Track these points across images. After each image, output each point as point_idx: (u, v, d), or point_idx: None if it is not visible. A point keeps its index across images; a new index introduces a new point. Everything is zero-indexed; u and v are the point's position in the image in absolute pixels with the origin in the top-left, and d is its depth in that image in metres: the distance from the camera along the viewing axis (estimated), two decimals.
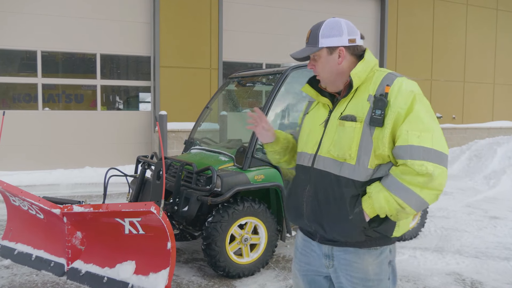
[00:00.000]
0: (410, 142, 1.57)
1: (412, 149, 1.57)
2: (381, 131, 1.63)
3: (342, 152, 1.68)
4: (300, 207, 1.81)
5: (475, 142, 10.40)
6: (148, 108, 9.92)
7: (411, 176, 1.58)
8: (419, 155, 1.56)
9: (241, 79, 5.19)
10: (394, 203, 1.60)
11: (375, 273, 1.73)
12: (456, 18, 13.13)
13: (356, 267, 1.73)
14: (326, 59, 1.78)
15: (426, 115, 1.62)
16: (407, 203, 1.60)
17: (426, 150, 1.56)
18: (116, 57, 9.64)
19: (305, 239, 1.90)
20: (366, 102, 1.68)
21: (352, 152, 1.66)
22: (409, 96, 1.63)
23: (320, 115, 1.86)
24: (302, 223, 1.85)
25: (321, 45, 1.77)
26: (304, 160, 1.85)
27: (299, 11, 10.96)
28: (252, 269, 3.96)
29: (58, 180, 8.04)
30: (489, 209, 6.57)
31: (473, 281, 3.96)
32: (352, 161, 1.66)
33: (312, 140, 1.83)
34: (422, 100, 1.64)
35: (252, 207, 3.87)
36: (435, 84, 12.91)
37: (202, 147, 4.84)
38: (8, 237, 3.99)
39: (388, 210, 1.62)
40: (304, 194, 1.80)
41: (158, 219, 2.99)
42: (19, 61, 9.05)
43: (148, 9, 9.58)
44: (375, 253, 1.73)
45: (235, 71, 5.75)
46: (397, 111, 1.61)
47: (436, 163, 1.56)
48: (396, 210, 1.61)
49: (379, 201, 1.62)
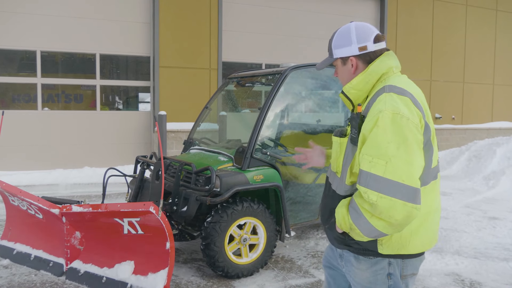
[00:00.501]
0: (361, 167, 1.53)
1: (361, 174, 1.53)
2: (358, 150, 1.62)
3: (334, 165, 1.79)
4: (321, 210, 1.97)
5: (474, 143, 10.40)
6: (148, 108, 9.92)
7: (361, 200, 1.54)
8: (365, 182, 1.50)
9: (241, 80, 5.19)
10: (347, 221, 1.62)
11: (369, 281, 1.73)
12: (456, 19, 13.14)
13: (354, 271, 1.79)
14: (342, 70, 1.79)
15: (386, 139, 1.47)
16: (356, 225, 1.59)
17: (374, 177, 1.47)
18: (116, 57, 9.64)
19: None
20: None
21: (338, 166, 1.75)
22: (374, 117, 1.52)
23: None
24: None
25: (335, 55, 1.78)
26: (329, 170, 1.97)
27: (298, 11, 10.96)
28: (251, 269, 3.96)
29: (57, 180, 8.04)
30: (488, 209, 6.58)
31: (472, 281, 3.96)
32: (338, 175, 1.76)
33: None
34: (387, 122, 1.48)
35: (251, 207, 3.87)
36: (435, 85, 12.92)
37: (201, 147, 4.84)
38: (7, 237, 3.99)
39: (343, 226, 1.66)
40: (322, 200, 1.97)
41: (157, 219, 3.00)
42: (19, 61, 9.05)
43: (148, 9, 9.58)
44: (370, 262, 1.72)
45: (234, 72, 5.75)
46: (363, 133, 1.56)
47: (383, 193, 1.45)
48: (349, 228, 1.64)
49: (338, 216, 1.67)
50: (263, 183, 3.98)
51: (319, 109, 5.12)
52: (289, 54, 10.66)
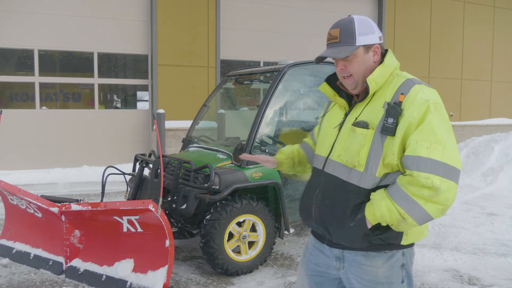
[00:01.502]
0: (418, 153, 1.51)
1: (419, 160, 1.51)
2: (392, 140, 1.58)
3: (351, 158, 1.65)
4: (310, 209, 1.81)
5: (472, 139, 10.42)
6: (146, 106, 9.91)
7: (416, 188, 1.52)
8: (426, 168, 1.50)
9: (239, 77, 5.19)
10: (396, 213, 1.55)
11: (385, 276, 1.70)
12: (453, 16, 13.14)
13: (366, 269, 1.71)
14: (363, 58, 1.69)
15: (440, 126, 1.54)
16: (409, 214, 1.54)
17: (435, 162, 1.50)
18: (114, 55, 9.62)
19: (316, 240, 1.89)
20: (381, 109, 1.63)
21: (361, 159, 1.63)
22: (423, 105, 1.56)
23: (336, 117, 1.83)
24: (311, 225, 1.85)
25: (358, 43, 1.67)
26: (318, 163, 1.83)
27: (296, 9, 10.96)
28: (250, 266, 3.97)
29: (55, 179, 8.03)
30: (487, 206, 6.60)
31: (471, 277, 3.98)
32: (360, 168, 1.63)
33: (326, 142, 1.81)
34: (438, 110, 1.57)
35: (250, 204, 3.88)
36: (433, 82, 12.93)
37: (200, 145, 4.84)
38: (6, 236, 3.99)
39: (389, 219, 1.57)
40: (314, 196, 1.79)
41: (156, 217, 3.00)
42: (16, 60, 9.03)
43: (146, 8, 9.56)
44: (385, 257, 1.70)
45: (232, 69, 5.75)
46: (409, 120, 1.55)
47: (444, 177, 1.49)
48: (397, 220, 1.57)
49: (380, 209, 1.57)
50: (262, 181, 3.99)
51: (318, 106, 5.13)
52: (288, 52, 10.65)
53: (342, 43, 1.69)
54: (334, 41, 1.71)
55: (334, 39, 1.71)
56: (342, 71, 1.72)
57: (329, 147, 1.78)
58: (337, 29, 1.71)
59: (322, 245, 1.83)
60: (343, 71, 1.72)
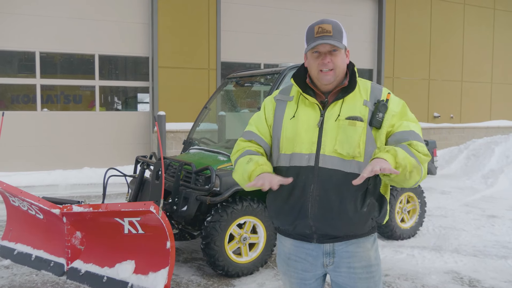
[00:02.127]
0: (411, 129, 1.82)
1: (414, 133, 1.81)
2: (378, 131, 1.81)
3: (352, 150, 1.77)
4: (303, 208, 1.79)
5: (473, 142, 10.42)
6: (147, 108, 9.93)
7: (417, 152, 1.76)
8: (418, 138, 1.81)
9: (240, 79, 5.20)
10: (413, 159, 1.71)
11: (375, 257, 1.89)
12: (454, 18, 13.16)
13: (359, 256, 1.84)
14: (343, 57, 1.85)
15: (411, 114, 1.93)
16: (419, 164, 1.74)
17: (419, 135, 1.83)
18: (115, 57, 9.65)
19: (297, 244, 1.89)
20: (363, 106, 1.82)
21: (361, 149, 1.77)
22: (399, 102, 1.90)
23: (309, 115, 1.84)
24: (302, 224, 1.81)
25: (344, 42, 1.83)
26: (301, 161, 1.81)
27: (296, 11, 10.98)
28: (251, 268, 3.98)
29: (57, 181, 8.04)
30: (487, 208, 6.60)
31: (471, 279, 3.98)
32: (360, 158, 1.77)
33: (305, 140, 1.81)
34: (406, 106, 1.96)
35: (250, 206, 3.89)
36: (433, 84, 12.95)
37: (201, 147, 4.86)
38: (8, 237, 3.99)
39: (408, 162, 1.68)
40: (307, 194, 1.78)
41: (157, 218, 3.01)
42: (18, 62, 9.05)
43: (147, 10, 9.59)
44: (371, 240, 1.90)
45: (233, 72, 5.77)
46: (392, 114, 1.84)
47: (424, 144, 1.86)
48: (413, 165, 1.70)
49: (402, 153, 1.69)
50: None
51: None
52: (288, 54, 10.66)
53: (335, 37, 1.80)
54: (327, 34, 1.80)
55: (327, 32, 1.80)
56: (329, 64, 1.80)
57: (312, 144, 1.80)
58: (329, 25, 1.81)
59: (306, 247, 1.86)
60: (329, 64, 1.80)
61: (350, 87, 1.84)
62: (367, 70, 12.15)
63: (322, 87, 1.86)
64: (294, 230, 1.86)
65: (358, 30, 11.77)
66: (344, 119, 1.79)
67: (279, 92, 2.01)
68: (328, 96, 1.86)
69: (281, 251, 1.98)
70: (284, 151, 1.86)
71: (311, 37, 1.83)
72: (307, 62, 1.89)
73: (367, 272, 1.85)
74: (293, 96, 1.93)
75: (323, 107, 1.85)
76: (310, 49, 1.83)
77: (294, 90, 1.95)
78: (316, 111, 1.84)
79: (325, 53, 1.80)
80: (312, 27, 1.84)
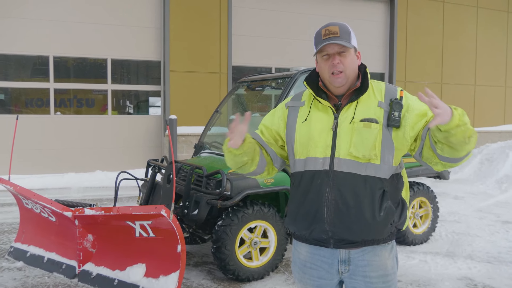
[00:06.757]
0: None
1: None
2: (398, 131, 1.77)
3: (367, 152, 1.74)
4: (318, 212, 1.78)
5: (486, 146, 10.28)
6: (158, 112, 9.99)
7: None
8: None
9: (251, 83, 5.21)
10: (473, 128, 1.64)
11: (391, 266, 1.85)
12: (466, 21, 13.03)
13: (375, 265, 1.81)
14: (353, 58, 1.83)
15: None
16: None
17: None
18: (127, 62, 9.73)
19: (313, 251, 1.87)
20: (377, 108, 1.79)
21: (377, 151, 1.75)
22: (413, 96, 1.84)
23: (322, 119, 1.83)
24: (318, 229, 1.79)
25: (352, 43, 1.81)
26: (316, 165, 1.80)
27: (308, 15, 10.97)
28: (261, 272, 3.96)
29: (69, 184, 8.12)
30: (501, 213, 6.50)
31: (485, 286, 3.92)
32: (376, 161, 1.75)
33: (319, 144, 1.80)
34: None
35: (261, 210, 3.88)
36: (446, 88, 12.82)
37: (212, 151, 4.86)
38: (21, 240, 4.04)
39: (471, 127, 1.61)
40: (323, 198, 1.77)
41: (168, 222, 3.01)
42: (32, 66, 9.19)
43: (158, 15, 9.66)
44: (389, 248, 1.85)
45: (244, 76, 5.78)
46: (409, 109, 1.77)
47: None
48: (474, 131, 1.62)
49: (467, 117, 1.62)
50: (274, 187, 3.98)
51: None
52: (299, 58, 10.65)
53: (342, 38, 1.78)
54: (334, 36, 1.79)
55: (334, 34, 1.79)
56: (338, 65, 1.79)
57: (327, 147, 1.79)
58: (335, 27, 1.80)
59: (321, 253, 1.84)
60: (339, 65, 1.79)
61: (363, 88, 1.81)
62: (378, 74, 12.08)
63: (334, 90, 1.84)
64: (310, 235, 1.84)
65: (370, 34, 11.71)
66: (359, 121, 1.77)
67: (291, 99, 2.01)
68: (342, 99, 1.84)
69: (297, 258, 1.96)
70: (299, 156, 1.87)
71: (319, 40, 1.83)
72: (318, 66, 1.89)
73: (383, 282, 1.81)
74: (304, 101, 1.92)
75: (337, 110, 1.83)
76: (319, 52, 1.83)
77: (306, 94, 1.95)
78: (329, 115, 1.83)
79: (334, 54, 1.80)
80: (319, 31, 1.84)
